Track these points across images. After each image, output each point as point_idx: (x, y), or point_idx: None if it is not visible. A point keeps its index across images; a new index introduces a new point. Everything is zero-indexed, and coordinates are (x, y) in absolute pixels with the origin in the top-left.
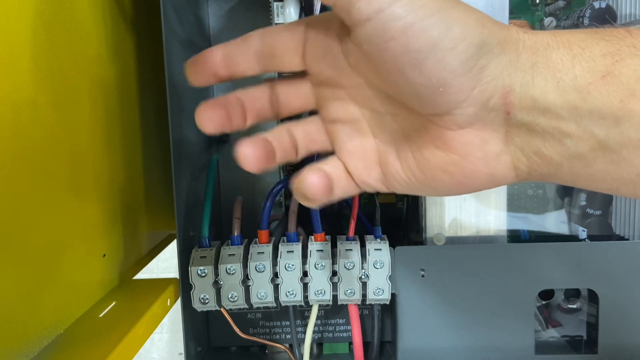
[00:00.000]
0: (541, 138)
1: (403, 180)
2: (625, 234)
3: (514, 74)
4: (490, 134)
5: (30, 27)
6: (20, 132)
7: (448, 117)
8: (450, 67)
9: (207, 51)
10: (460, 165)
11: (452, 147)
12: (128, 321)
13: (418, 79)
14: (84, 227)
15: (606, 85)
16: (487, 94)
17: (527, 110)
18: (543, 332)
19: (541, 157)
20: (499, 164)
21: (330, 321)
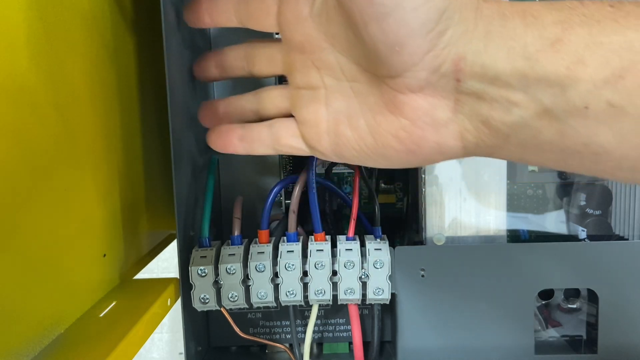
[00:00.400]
0: (489, 107)
1: (354, 149)
2: (624, 234)
3: (468, 42)
4: (440, 100)
5: (30, 27)
6: (20, 132)
7: (401, 79)
8: (409, 26)
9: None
10: (409, 131)
11: (403, 111)
12: (128, 321)
13: (378, 34)
14: (84, 227)
15: (555, 53)
16: (439, 59)
17: (477, 78)
18: (543, 332)
19: (489, 127)
20: (446, 132)
21: (330, 321)
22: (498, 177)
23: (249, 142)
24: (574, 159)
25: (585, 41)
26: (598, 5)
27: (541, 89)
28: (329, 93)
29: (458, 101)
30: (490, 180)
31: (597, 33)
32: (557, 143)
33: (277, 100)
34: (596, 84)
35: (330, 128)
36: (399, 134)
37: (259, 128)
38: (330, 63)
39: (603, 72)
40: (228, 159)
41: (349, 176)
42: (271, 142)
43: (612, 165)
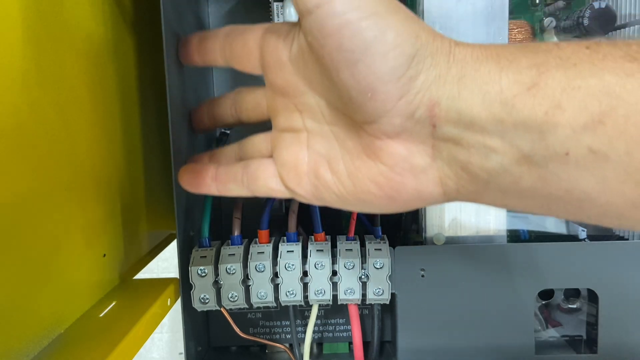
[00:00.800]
0: (467, 153)
1: (334, 193)
2: (625, 234)
3: (442, 87)
4: (417, 145)
5: (30, 26)
6: (20, 132)
7: (376, 125)
8: (379, 72)
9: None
10: (388, 177)
11: (381, 157)
12: (128, 321)
13: (349, 80)
14: (84, 226)
15: (532, 98)
16: (413, 105)
17: (453, 124)
18: (543, 332)
19: (468, 173)
20: (426, 179)
21: (330, 321)
22: None
23: (222, 183)
24: (558, 205)
25: (562, 85)
26: (574, 48)
27: (519, 135)
28: (310, 136)
29: (435, 147)
30: None
31: (574, 76)
32: (539, 189)
33: (260, 145)
34: (575, 129)
35: (310, 170)
36: (377, 180)
37: (234, 168)
38: (311, 106)
39: (582, 117)
40: None
41: None
42: (247, 182)
43: (598, 212)
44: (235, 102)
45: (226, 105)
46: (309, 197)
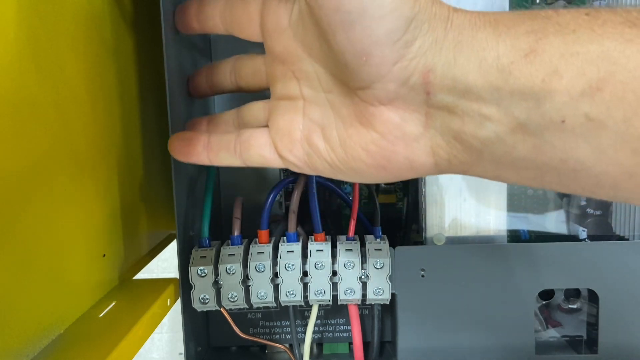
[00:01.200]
0: (461, 121)
1: (325, 161)
2: (625, 234)
3: (437, 53)
4: (410, 113)
5: (30, 26)
6: (20, 132)
7: (370, 91)
8: (375, 36)
9: (187, 3)
10: (379, 145)
11: (373, 124)
12: (128, 321)
13: (345, 43)
14: (84, 227)
15: (529, 65)
16: (407, 71)
17: (448, 91)
18: (543, 332)
19: (461, 142)
20: (417, 148)
21: (330, 321)
22: None
23: (214, 151)
24: (552, 176)
25: (560, 51)
26: (573, 14)
27: (515, 103)
28: (306, 103)
29: (429, 115)
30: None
31: (572, 42)
32: (533, 159)
33: (258, 112)
34: (572, 96)
35: (304, 137)
36: (369, 148)
37: (227, 136)
38: (308, 73)
39: (579, 83)
40: None
41: None
42: (239, 151)
43: (592, 182)
44: (235, 69)
45: (225, 71)
46: (301, 165)
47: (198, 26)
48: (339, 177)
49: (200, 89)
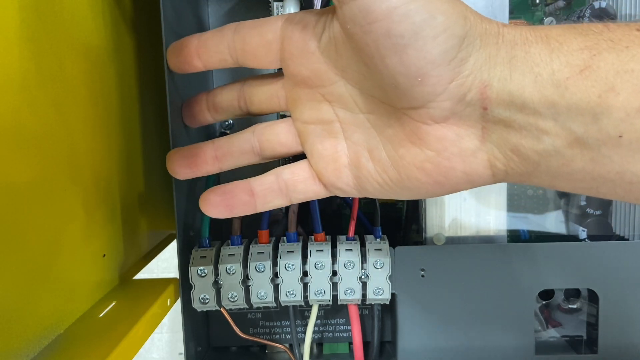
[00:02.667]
0: (518, 135)
1: (377, 183)
2: (625, 234)
3: (492, 68)
4: (466, 129)
5: (30, 26)
6: (20, 132)
7: (424, 110)
8: (430, 56)
9: (186, 38)
10: (435, 162)
11: (428, 143)
12: (128, 321)
13: (397, 66)
14: (84, 227)
15: (584, 80)
16: (464, 88)
17: (505, 106)
18: (543, 332)
19: (518, 155)
20: (475, 162)
21: (330, 321)
22: None
23: (261, 198)
24: (607, 187)
25: (615, 68)
26: (624, 30)
27: (572, 118)
28: (344, 126)
29: (485, 129)
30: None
31: (627, 60)
32: (590, 172)
33: (282, 137)
34: (629, 112)
35: (351, 162)
36: (424, 166)
37: (269, 183)
38: (342, 96)
39: (636, 100)
40: None
41: None
42: (286, 192)
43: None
44: (244, 95)
45: (231, 98)
46: (349, 190)
47: (201, 64)
48: (391, 197)
49: (198, 117)
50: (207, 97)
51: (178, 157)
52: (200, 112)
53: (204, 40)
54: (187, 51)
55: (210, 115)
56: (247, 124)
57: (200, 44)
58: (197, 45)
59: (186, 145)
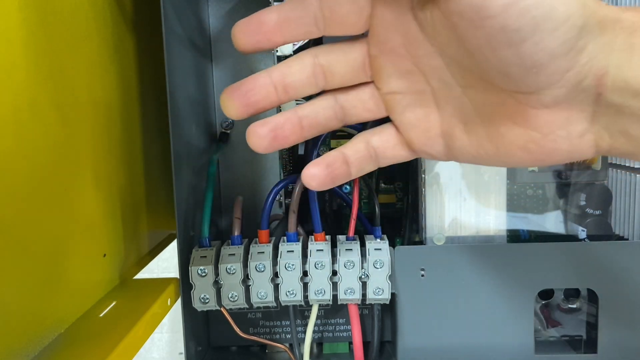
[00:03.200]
0: (629, 119)
1: (470, 154)
2: (624, 234)
3: (610, 55)
4: (577, 113)
5: (30, 27)
6: (20, 132)
7: (535, 96)
8: (548, 49)
9: (260, 14)
10: (540, 144)
11: (534, 125)
12: (128, 321)
13: (512, 58)
14: (85, 227)
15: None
16: (580, 75)
17: (619, 93)
18: (543, 331)
19: (626, 136)
20: (581, 143)
21: (330, 321)
22: (498, 177)
23: (356, 166)
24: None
25: None
26: None
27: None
28: (438, 97)
29: (596, 113)
30: (490, 180)
31: None
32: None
33: (370, 103)
34: None
35: (444, 132)
36: (527, 147)
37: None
38: (437, 67)
39: None
40: (228, 159)
41: None
42: (375, 158)
43: None
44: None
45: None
46: (439, 156)
47: (282, 38)
48: (482, 164)
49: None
50: (272, 79)
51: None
52: (267, 96)
53: (286, 13)
54: (265, 28)
55: (278, 98)
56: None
57: (282, 17)
58: (277, 20)
59: (186, 145)
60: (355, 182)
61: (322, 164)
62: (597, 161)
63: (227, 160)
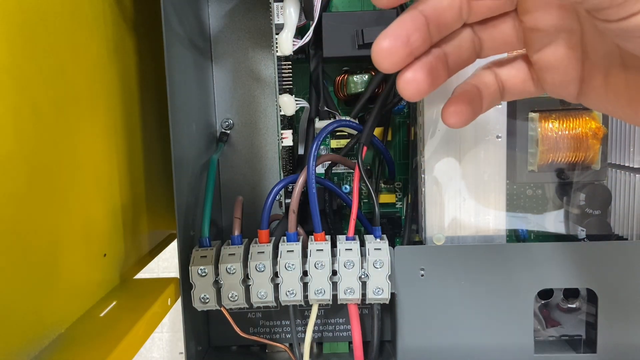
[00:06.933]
0: None
1: (604, 106)
2: (624, 234)
3: None
4: None
5: (30, 26)
6: (20, 132)
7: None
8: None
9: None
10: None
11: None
12: (129, 320)
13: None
14: (85, 227)
15: None
16: None
17: None
18: (542, 331)
19: None
20: None
21: (330, 320)
22: (498, 177)
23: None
24: None
25: None
26: None
27: None
28: (586, 40)
29: None
30: (489, 180)
31: None
32: None
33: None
34: None
35: (582, 79)
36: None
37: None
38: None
39: None
40: (228, 159)
41: (349, 176)
42: (502, 91)
43: None
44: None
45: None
46: (570, 99)
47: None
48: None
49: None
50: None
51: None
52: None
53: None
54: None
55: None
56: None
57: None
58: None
59: (186, 145)
60: (355, 182)
61: (463, 101)
62: (597, 161)
63: (227, 160)
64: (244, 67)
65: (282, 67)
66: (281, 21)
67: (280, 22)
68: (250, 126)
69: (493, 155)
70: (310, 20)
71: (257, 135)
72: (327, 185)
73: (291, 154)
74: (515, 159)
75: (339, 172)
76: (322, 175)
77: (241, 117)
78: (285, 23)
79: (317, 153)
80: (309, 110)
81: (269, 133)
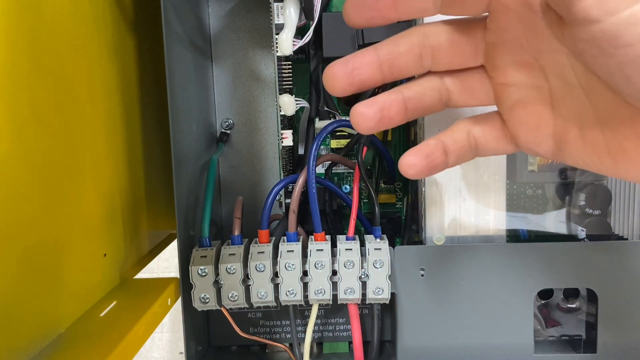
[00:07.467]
0: None
1: (582, 160)
2: (624, 234)
3: None
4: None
5: (30, 27)
6: (20, 132)
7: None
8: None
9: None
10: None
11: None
12: (129, 320)
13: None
14: (85, 226)
15: None
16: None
17: None
18: (542, 331)
19: None
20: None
21: (330, 320)
22: (498, 177)
23: (454, 156)
24: None
25: None
26: None
27: None
28: (555, 95)
29: None
30: (489, 180)
31: None
32: None
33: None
34: None
35: (556, 134)
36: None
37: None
38: (560, 64)
39: None
40: (228, 159)
41: (349, 176)
42: (475, 149)
43: None
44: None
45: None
46: (547, 156)
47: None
48: (593, 171)
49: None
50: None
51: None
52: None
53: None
54: (382, 4)
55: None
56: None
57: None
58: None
59: (186, 145)
60: (355, 182)
61: (421, 153)
62: None
63: (227, 160)
64: (244, 67)
65: (282, 67)
66: (281, 21)
67: (280, 22)
68: (250, 126)
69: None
70: (310, 20)
71: (257, 135)
72: (327, 185)
73: (291, 154)
74: (515, 158)
75: (339, 172)
76: (322, 175)
77: (241, 117)
78: (285, 23)
79: (317, 153)
80: (309, 110)
81: (269, 133)
